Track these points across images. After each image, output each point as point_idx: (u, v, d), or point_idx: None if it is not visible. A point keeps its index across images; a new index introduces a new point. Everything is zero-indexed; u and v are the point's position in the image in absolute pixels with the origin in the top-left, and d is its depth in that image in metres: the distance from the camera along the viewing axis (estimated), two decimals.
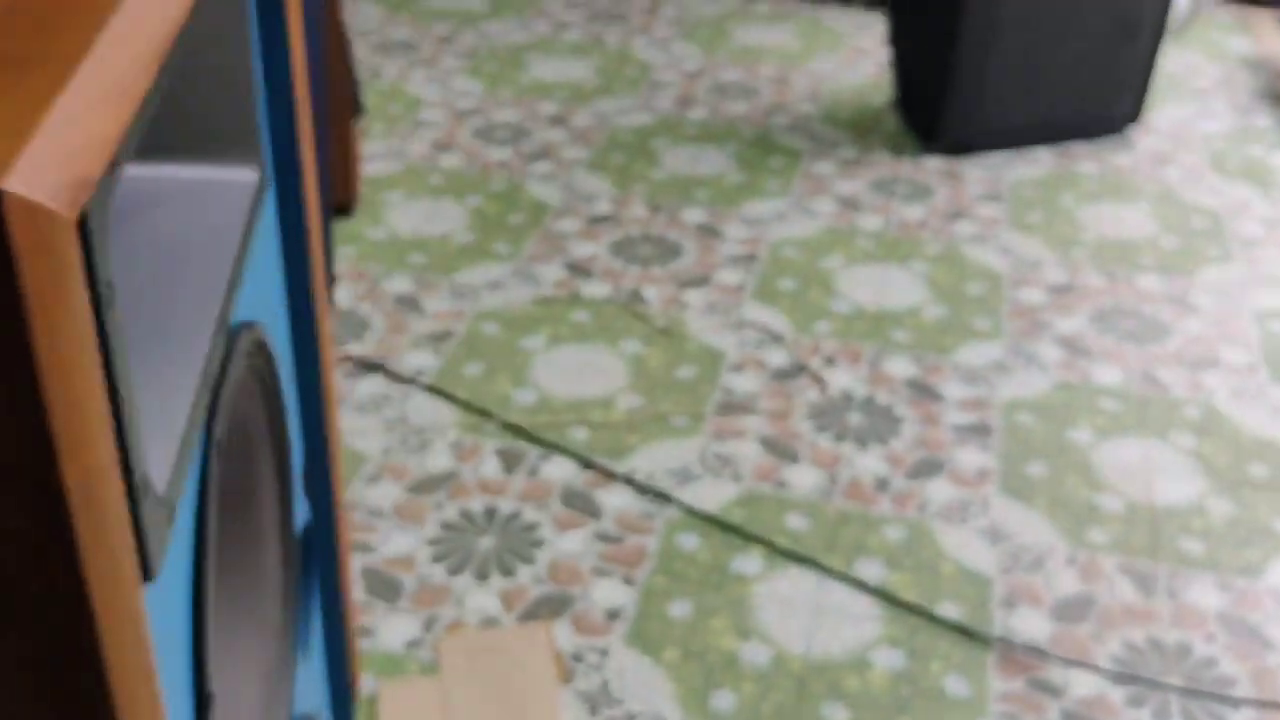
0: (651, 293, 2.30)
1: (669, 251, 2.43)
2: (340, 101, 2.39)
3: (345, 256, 2.38)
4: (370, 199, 2.60)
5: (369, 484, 1.82)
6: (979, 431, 1.97)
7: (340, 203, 2.49)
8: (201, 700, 0.64)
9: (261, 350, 0.82)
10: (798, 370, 2.10)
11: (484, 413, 1.97)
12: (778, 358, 2.13)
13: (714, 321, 2.22)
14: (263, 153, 0.85)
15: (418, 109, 3.01)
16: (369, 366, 2.07)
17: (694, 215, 2.56)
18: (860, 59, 3.38)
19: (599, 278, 2.34)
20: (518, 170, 2.73)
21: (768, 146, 2.86)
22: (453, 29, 3.50)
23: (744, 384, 2.06)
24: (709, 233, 2.50)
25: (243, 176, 0.83)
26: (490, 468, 1.86)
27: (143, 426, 0.57)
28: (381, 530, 1.74)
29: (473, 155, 2.79)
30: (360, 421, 1.94)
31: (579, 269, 2.37)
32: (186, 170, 0.79)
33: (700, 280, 2.34)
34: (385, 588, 1.64)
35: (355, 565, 1.67)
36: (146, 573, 0.54)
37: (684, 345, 2.15)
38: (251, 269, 0.83)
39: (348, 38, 2.59)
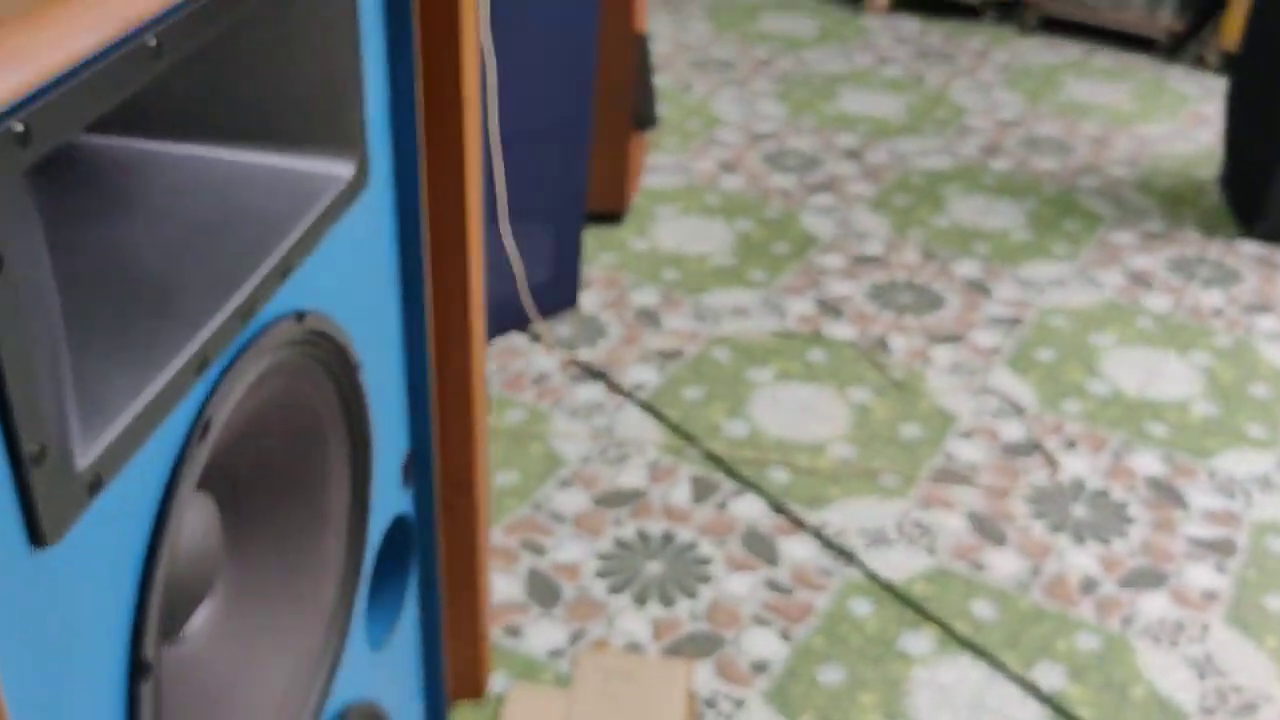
0: (898, 342, 2.19)
1: (929, 302, 2.32)
2: (620, 110, 2.42)
3: (603, 263, 2.42)
4: (643, 209, 2.62)
5: (559, 488, 1.83)
6: (1219, 549, 1.75)
7: (610, 210, 2.53)
8: (136, 666, 0.65)
9: (325, 340, 0.83)
10: (1031, 448, 1.95)
11: (689, 437, 1.94)
12: (1013, 431, 1.98)
13: (955, 382, 2.09)
14: (368, 149, 0.86)
15: (715, 128, 3.01)
16: (592, 374, 2.08)
17: (966, 268, 2.43)
18: (1198, 126, 3.10)
19: (848, 319, 2.26)
20: (797, 199, 2.68)
21: (1067, 207, 2.68)
22: (773, 52, 3.48)
23: (969, 452, 1.93)
24: (977, 289, 2.36)
25: (337, 170, 0.85)
26: (680, 494, 1.83)
27: (78, 400, 0.58)
28: (558, 535, 1.74)
29: (756, 179, 2.76)
30: (568, 425, 1.96)
31: (829, 307, 2.29)
32: (281, 159, 0.81)
33: (953, 337, 2.21)
34: (545, 592, 1.65)
35: (523, 565, 1.69)
36: (38, 537, 0.55)
37: (916, 402, 2.04)
38: (332, 261, 0.84)
39: (647, 50, 2.63)
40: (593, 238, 2.50)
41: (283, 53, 0.78)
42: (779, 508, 1.80)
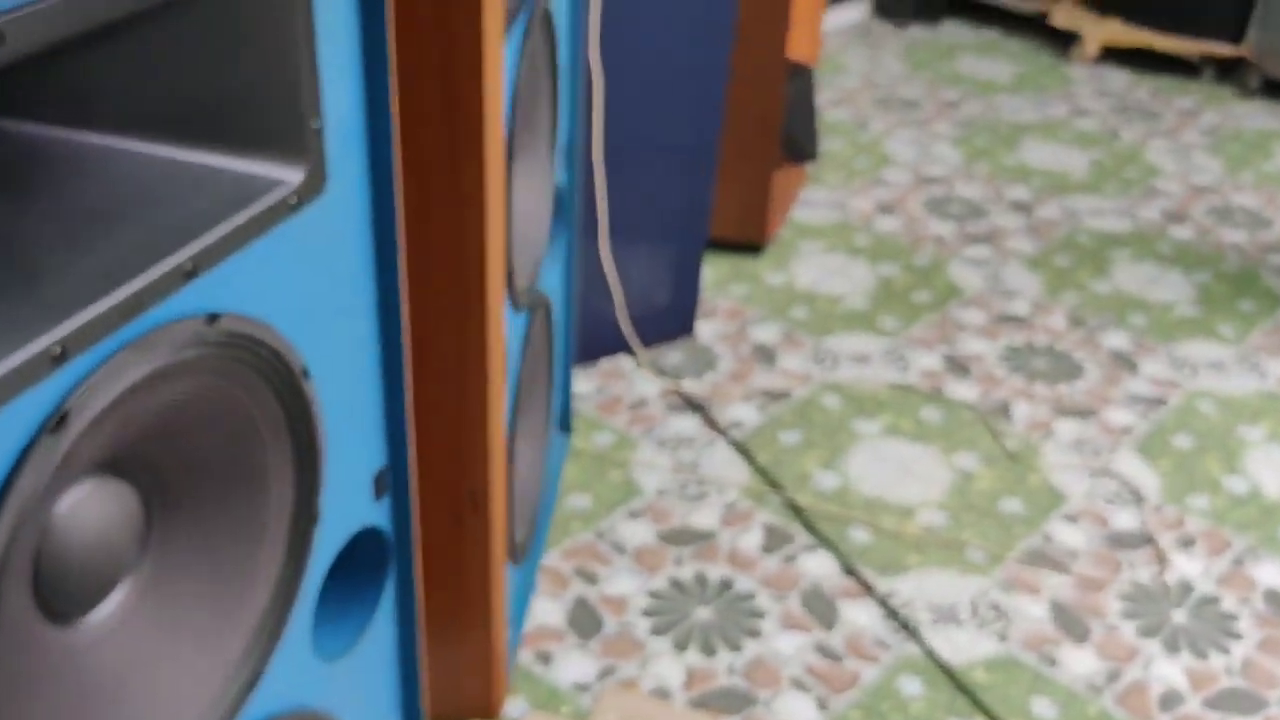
0: (1021, 410, 2.06)
1: (1065, 371, 2.16)
2: (765, 139, 2.36)
3: (732, 294, 2.36)
4: (787, 243, 2.55)
5: (628, 518, 1.79)
6: None
7: (749, 240, 2.47)
8: None
9: (254, 345, 0.81)
10: (1142, 540, 1.79)
11: (774, 484, 1.86)
12: (1126, 520, 1.83)
13: (1073, 460, 1.95)
14: (324, 157, 0.85)
15: (883, 167, 2.91)
16: (691, 405, 2.03)
17: (1116, 340, 2.26)
18: None
19: (974, 380, 2.13)
20: (950, 248, 2.56)
21: (1245, 285, 2.47)
22: (963, 95, 3.35)
23: (1070, 536, 1.79)
24: (1123, 363, 2.19)
25: (284, 175, 0.83)
26: (750, 541, 1.76)
27: None
28: (614, 566, 1.70)
29: (913, 223, 2.65)
30: (653, 456, 1.91)
31: (957, 364, 2.17)
32: (222, 159, 0.80)
33: (1083, 412, 2.06)
34: (586, 623, 1.60)
35: (571, 592, 1.65)
36: None
37: (1026, 476, 1.91)
38: (273, 266, 0.82)
39: (810, 82, 2.56)
40: (726, 266, 2.45)
41: (226, 48, 0.77)
42: (850, 569, 1.71)
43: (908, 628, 1.62)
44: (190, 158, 0.78)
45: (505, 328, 1.23)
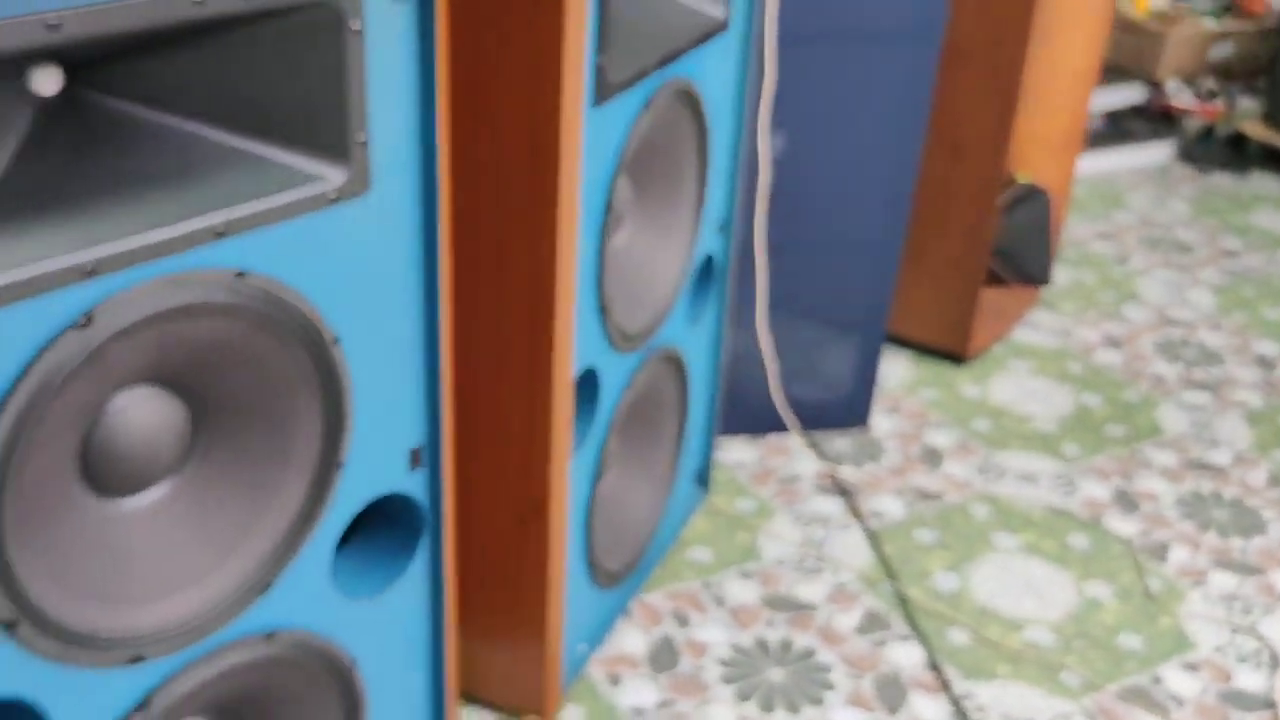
0: (1179, 555, 1.97)
1: (1244, 527, 2.05)
2: (974, 253, 2.39)
3: (921, 396, 2.39)
4: (996, 359, 2.55)
5: (739, 577, 1.87)
6: None
7: (951, 349, 2.49)
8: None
9: (280, 306, 1.00)
10: (1262, 705, 1.68)
11: (891, 574, 1.89)
12: (1252, 681, 1.72)
13: (1217, 612, 1.85)
14: (368, 162, 1.03)
15: (1126, 304, 2.84)
16: (840, 490, 2.09)
17: None
18: None
19: (1139, 517, 2.06)
20: (1167, 390, 2.47)
21: None
22: (1246, 247, 3.20)
23: (1183, 685, 1.71)
24: None
25: (329, 173, 1.02)
26: (847, 620, 1.79)
27: None
28: (708, 615, 1.78)
29: (1136, 361, 2.58)
30: (785, 528, 1.98)
31: (1127, 500, 2.11)
32: (279, 153, 1.00)
33: (1247, 569, 1.95)
34: (663, 658, 1.70)
35: (660, 629, 1.75)
36: None
37: (1158, 618, 1.84)
38: (311, 244, 1.01)
39: (1044, 206, 2.58)
40: (924, 370, 2.48)
41: (292, 63, 0.97)
42: (934, 664, 1.72)
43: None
44: (251, 148, 0.99)
45: (573, 359, 1.38)
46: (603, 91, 1.29)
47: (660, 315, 1.60)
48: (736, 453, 2.17)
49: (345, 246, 1.05)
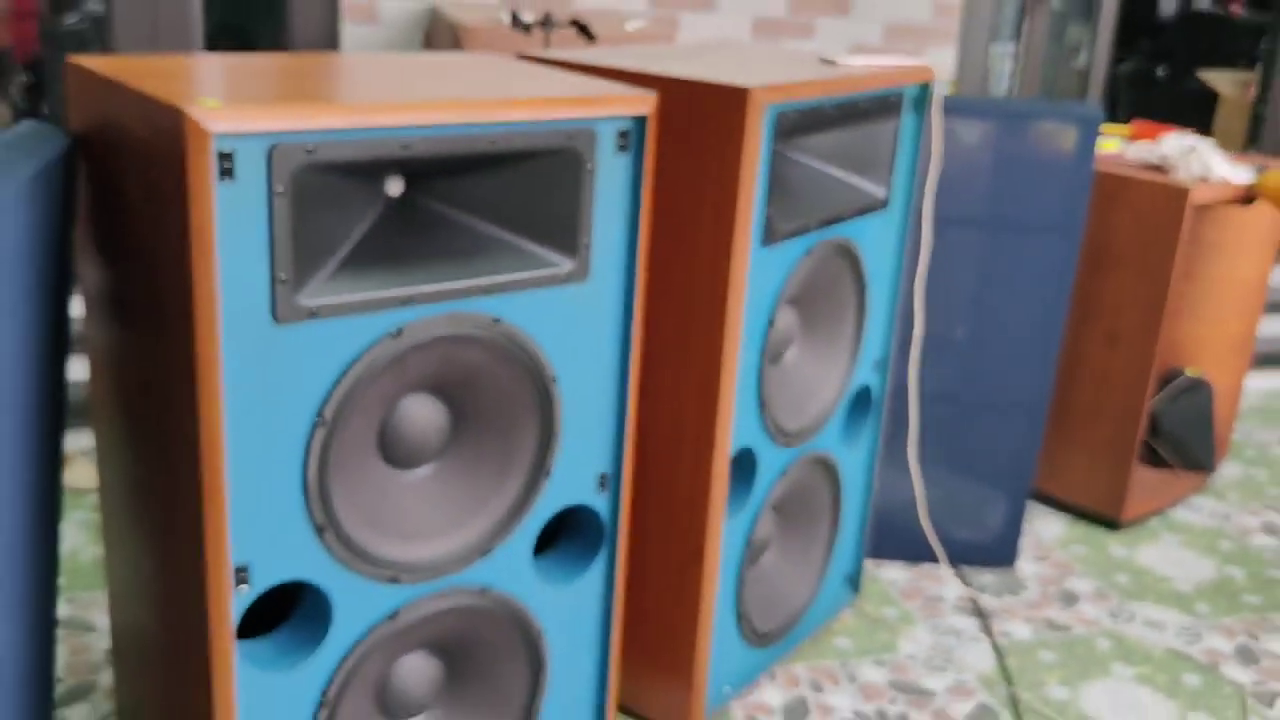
0: None
1: None
2: (1125, 432, 2.64)
3: (1072, 551, 2.62)
4: (1150, 529, 2.75)
5: (873, 664, 2.15)
6: None
7: (1104, 514, 2.72)
8: (315, 424, 1.33)
9: (518, 346, 1.45)
10: None
11: (1009, 678, 2.13)
12: None
13: None
14: (589, 256, 1.49)
15: None
16: (977, 612, 2.35)
17: None
18: None
19: (1256, 669, 2.23)
20: None
21: None
22: None
23: None
24: None
25: (562, 262, 1.47)
26: (961, 708, 2.04)
27: (310, 271, 1.29)
28: (841, 687, 2.07)
29: None
30: (923, 634, 2.26)
31: (1248, 654, 2.27)
32: (531, 244, 1.46)
33: None
34: (795, 711, 2.00)
35: (797, 691, 2.05)
36: (274, 318, 1.26)
37: None
38: (546, 308, 1.46)
39: (1206, 397, 2.82)
40: (1079, 530, 2.71)
41: (545, 186, 1.44)
42: None
43: None
44: (514, 240, 1.46)
45: (730, 439, 1.77)
46: (770, 236, 1.72)
47: (817, 423, 1.98)
48: (891, 573, 2.48)
49: (568, 314, 1.50)
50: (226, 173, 1.19)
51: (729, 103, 1.61)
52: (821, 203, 1.84)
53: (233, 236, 1.22)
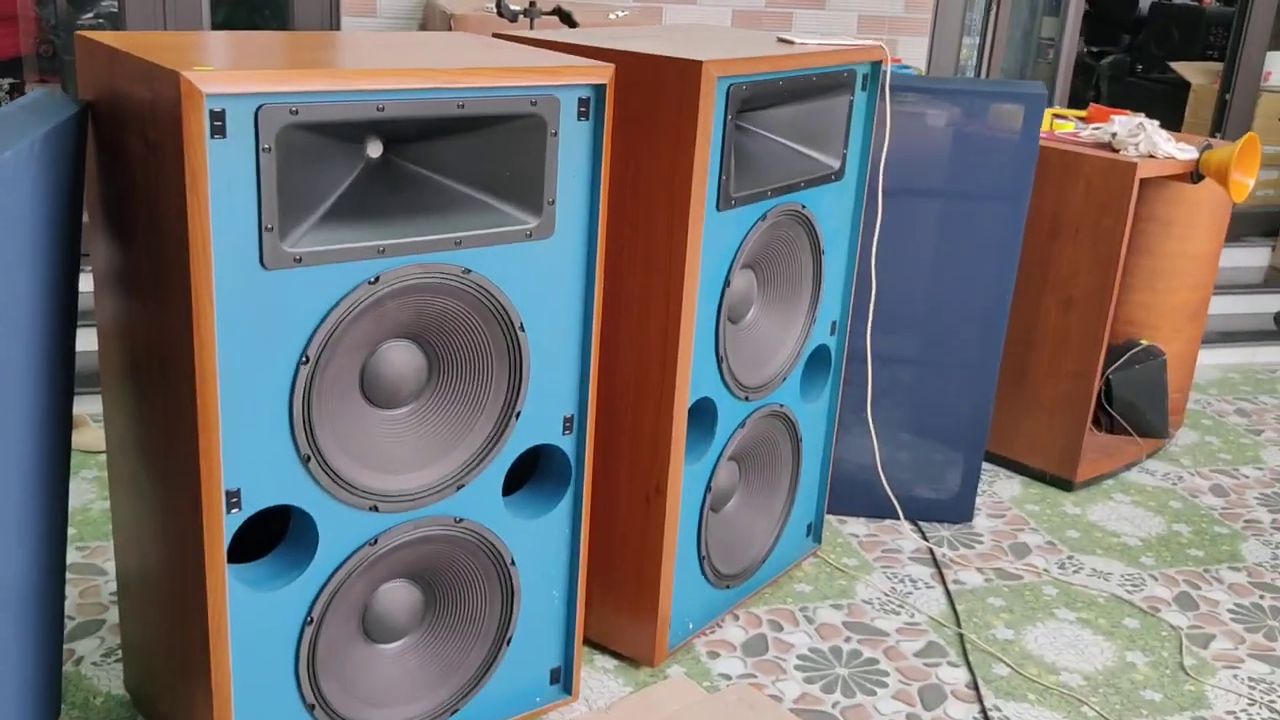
0: (1221, 644, 2.24)
1: None
2: (1080, 396, 2.76)
3: (1027, 509, 2.74)
4: (1103, 490, 2.87)
5: (830, 607, 2.28)
6: None
7: (1059, 475, 2.84)
8: (301, 361, 1.45)
9: (487, 294, 1.57)
10: None
11: (957, 620, 2.26)
12: None
13: (1241, 688, 2.11)
14: (554, 214, 1.61)
15: (1245, 465, 3.10)
16: (933, 562, 2.47)
17: None
18: None
19: (1194, 615, 2.34)
20: (1259, 531, 2.73)
21: None
22: None
23: None
24: None
25: (527, 218, 1.60)
26: (911, 646, 2.17)
27: (298, 220, 1.42)
28: (799, 628, 2.20)
29: (1236, 507, 2.85)
30: (879, 580, 2.38)
31: (1188, 601, 2.39)
32: (499, 203, 1.58)
33: None
34: (755, 647, 2.12)
35: (757, 631, 2.18)
36: (261, 264, 1.39)
37: (1184, 684, 2.12)
38: (512, 261, 1.59)
39: (1159, 369, 2.94)
40: (1034, 491, 2.83)
41: (509, 151, 1.57)
42: (974, 684, 2.07)
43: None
44: (484, 198, 1.58)
45: (689, 387, 1.89)
46: (724, 201, 1.84)
47: (774, 379, 2.10)
48: (853, 526, 2.60)
49: (534, 267, 1.63)
50: (218, 130, 1.32)
51: (683, 75, 1.73)
52: (776, 171, 1.96)
53: (224, 189, 1.34)
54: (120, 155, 1.48)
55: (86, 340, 1.70)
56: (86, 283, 1.64)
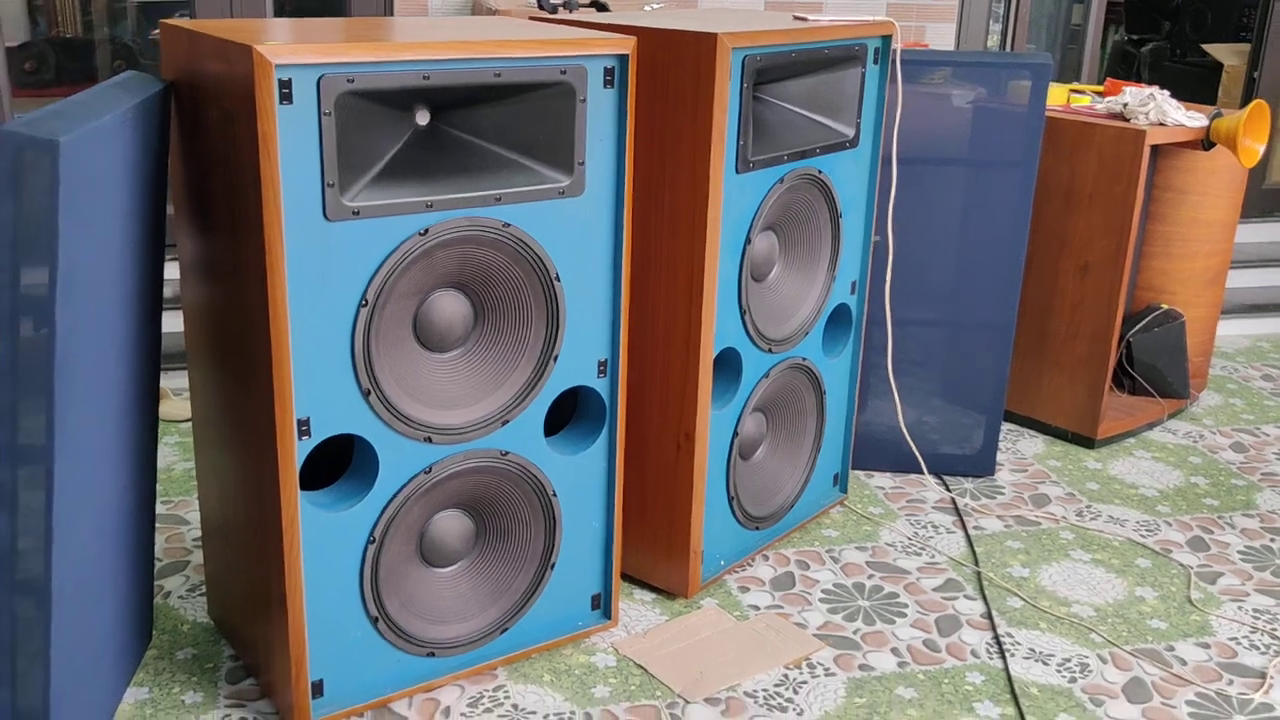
0: (1228, 580, 2.35)
1: None
2: (1099, 356, 2.87)
3: (1049, 465, 2.86)
4: (1125, 447, 2.98)
5: (855, 549, 2.41)
6: None
7: (1081, 433, 2.95)
8: (361, 303, 1.63)
9: (526, 248, 1.74)
10: (1256, 674, 2.05)
11: (975, 560, 2.38)
12: (1253, 660, 2.09)
13: (1245, 618, 2.22)
14: (584, 174, 1.77)
15: (1264, 424, 3.19)
16: (954, 511, 2.60)
17: None
18: None
19: (1204, 555, 2.45)
20: (1275, 483, 2.82)
21: None
22: None
23: (1192, 654, 2.10)
24: None
25: (559, 178, 1.76)
26: (930, 582, 2.30)
27: (357, 179, 1.59)
28: (825, 567, 2.34)
29: (1254, 461, 2.94)
30: (903, 526, 2.51)
31: (1200, 543, 2.50)
32: (536, 164, 1.75)
33: None
34: (783, 582, 2.27)
35: (786, 569, 2.32)
36: (326, 216, 1.56)
37: (1190, 615, 2.23)
38: (549, 216, 1.75)
39: (1179, 331, 3.04)
40: (1057, 448, 2.95)
41: (544, 117, 1.73)
42: (988, 614, 2.20)
43: (1000, 647, 2.09)
44: (521, 160, 1.74)
45: (714, 338, 2.04)
46: (742, 165, 1.99)
47: (797, 333, 2.25)
48: (879, 480, 2.73)
49: (568, 222, 1.79)
50: (285, 97, 1.50)
51: (701, 48, 1.89)
52: (792, 138, 2.11)
53: (291, 149, 1.52)
54: (200, 124, 1.67)
55: (172, 322, 1.89)
56: (172, 270, 1.84)
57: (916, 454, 2.68)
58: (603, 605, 2.07)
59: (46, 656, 1.45)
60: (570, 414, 1.99)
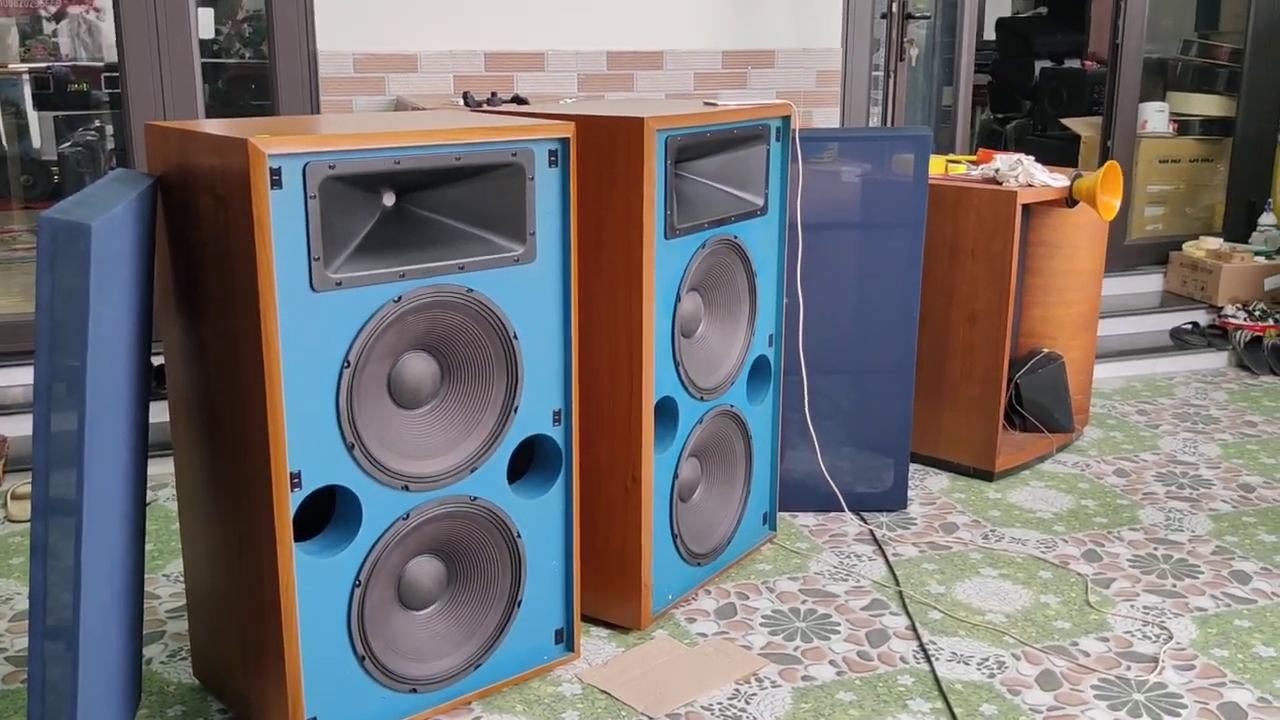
0: (1121, 584, 2.60)
1: (1181, 573, 2.66)
2: (989, 397, 3.14)
3: (954, 497, 3.11)
4: (1020, 478, 3.24)
5: (787, 579, 2.61)
6: None
7: (979, 467, 3.21)
8: (344, 364, 1.80)
9: (487, 309, 1.93)
10: (1149, 660, 2.29)
11: (895, 580, 2.60)
12: (1147, 648, 2.33)
13: (1137, 614, 2.47)
14: (535, 243, 1.98)
15: (1144, 452, 3.49)
16: (873, 541, 2.82)
17: (1247, 565, 2.70)
18: None
19: (1099, 565, 2.70)
20: (1155, 501, 3.10)
21: None
22: (1266, 421, 3.80)
23: (1092, 646, 2.33)
24: (1240, 577, 2.64)
25: (514, 246, 1.96)
26: (857, 603, 2.51)
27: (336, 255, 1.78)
28: (762, 596, 2.53)
29: (1136, 483, 3.22)
30: (829, 557, 2.72)
31: (1093, 555, 2.75)
32: (491, 235, 1.95)
33: (1174, 595, 2.56)
34: (726, 612, 2.45)
35: (726, 600, 2.51)
36: (311, 287, 1.74)
37: (1089, 615, 2.47)
38: (507, 281, 1.95)
39: (1059, 370, 3.33)
40: (960, 482, 3.20)
41: (497, 194, 1.94)
42: (913, 626, 2.41)
43: (926, 653, 2.29)
44: (480, 233, 1.95)
45: (654, 388, 2.25)
46: (670, 231, 2.22)
47: (724, 382, 2.46)
48: (803, 519, 2.95)
49: (523, 287, 1.99)
50: (276, 183, 1.68)
51: (631, 131, 2.12)
52: (710, 208, 2.35)
53: (282, 228, 1.70)
54: (190, 210, 1.84)
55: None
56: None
57: (837, 493, 2.91)
58: (565, 639, 2.23)
59: (74, 699, 1.57)
60: (528, 462, 2.17)
